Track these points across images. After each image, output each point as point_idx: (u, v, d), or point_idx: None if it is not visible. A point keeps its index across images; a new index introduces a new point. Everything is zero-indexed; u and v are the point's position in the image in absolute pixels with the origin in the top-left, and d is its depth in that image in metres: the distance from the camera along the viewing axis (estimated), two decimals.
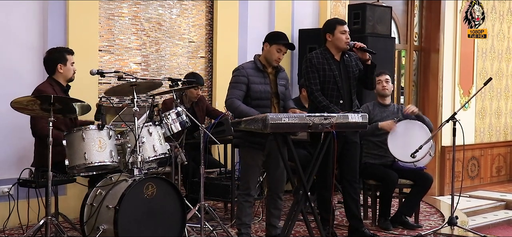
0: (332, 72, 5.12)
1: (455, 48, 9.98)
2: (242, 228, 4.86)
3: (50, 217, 4.41)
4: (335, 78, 5.12)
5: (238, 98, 4.71)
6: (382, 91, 5.96)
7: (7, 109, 4.54)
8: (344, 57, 5.23)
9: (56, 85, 4.95)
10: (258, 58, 4.87)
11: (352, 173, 5.29)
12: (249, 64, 4.87)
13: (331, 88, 5.13)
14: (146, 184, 4.40)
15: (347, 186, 5.31)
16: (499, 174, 11.13)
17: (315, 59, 5.16)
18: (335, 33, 5.16)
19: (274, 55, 4.80)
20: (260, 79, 4.78)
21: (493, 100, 10.86)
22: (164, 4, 6.81)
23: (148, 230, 4.41)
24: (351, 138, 5.22)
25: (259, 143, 4.71)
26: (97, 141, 4.53)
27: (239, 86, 4.73)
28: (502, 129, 11.12)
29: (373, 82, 5.30)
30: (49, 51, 5.08)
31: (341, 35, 5.14)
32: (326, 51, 5.20)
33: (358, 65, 5.25)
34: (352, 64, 5.23)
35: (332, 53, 5.19)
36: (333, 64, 5.15)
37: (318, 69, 5.13)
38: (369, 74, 5.20)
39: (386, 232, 5.71)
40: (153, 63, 6.74)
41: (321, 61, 5.15)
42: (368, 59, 5.14)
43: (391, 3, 8.57)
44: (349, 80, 5.20)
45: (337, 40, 5.16)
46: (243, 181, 4.87)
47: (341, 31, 5.15)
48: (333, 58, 5.18)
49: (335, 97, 5.12)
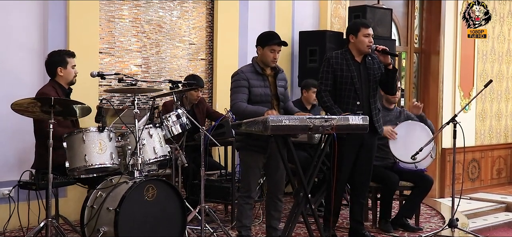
0: (350, 73, 5.11)
1: (455, 50, 9.97)
2: (242, 230, 4.85)
3: (50, 219, 4.41)
4: (352, 79, 5.11)
5: (243, 101, 4.70)
6: (392, 99, 5.94)
7: (7, 111, 4.54)
8: (367, 59, 5.22)
9: (59, 88, 4.95)
10: (256, 61, 4.86)
11: (364, 176, 5.30)
12: (247, 67, 4.86)
13: (348, 89, 5.12)
14: (146, 186, 4.40)
15: (356, 188, 5.32)
16: (500, 176, 11.12)
17: (334, 59, 5.15)
18: (358, 35, 5.15)
19: (268, 57, 4.78)
20: (259, 82, 4.78)
21: (493, 102, 10.85)
22: (164, 6, 6.81)
23: (149, 232, 4.40)
24: (368, 141, 5.21)
25: (260, 146, 4.71)
26: (98, 143, 4.53)
27: (241, 90, 4.72)
28: (502, 131, 11.11)
29: (394, 86, 5.27)
30: (50, 54, 5.07)
31: (364, 38, 5.13)
32: (347, 52, 5.20)
33: (380, 68, 5.23)
34: (374, 67, 5.22)
35: (353, 54, 5.18)
36: (352, 65, 5.14)
37: (335, 70, 5.12)
38: (390, 78, 5.18)
39: (387, 234, 5.71)
40: (153, 65, 6.74)
41: (340, 61, 5.14)
42: (390, 63, 5.11)
43: (391, 5, 8.58)
44: (369, 83, 5.18)
45: (359, 42, 5.15)
46: (243, 183, 4.87)
47: (364, 34, 5.14)
48: (353, 59, 5.17)
49: (352, 98, 5.12)
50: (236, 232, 5.00)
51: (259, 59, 4.85)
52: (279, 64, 4.95)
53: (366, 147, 5.22)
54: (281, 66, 4.99)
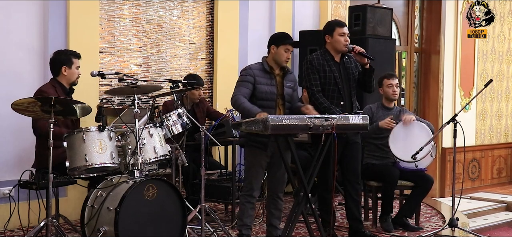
0: (332, 73, 5.13)
1: (455, 50, 9.97)
2: (243, 229, 4.86)
3: (50, 219, 4.41)
4: (335, 79, 5.13)
5: (244, 95, 4.73)
6: (392, 96, 5.93)
7: (7, 111, 4.54)
8: (344, 58, 5.24)
9: (59, 87, 4.95)
10: (266, 60, 4.90)
11: (353, 174, 5.29)
12: (256, 65, 4.91)
13: (332, 90, 5.13)
14: (146, 186, 4.40)
15: (348, 187, 5.31)
16: (500, 175, 11.12)
17: (316, 60, 5.17)
18: (334, 35, 5.17)
19: (282, 55, 4.84)
20: (266, 80, 4.81)
21: (493, 101, 10.85)
22: (164, 6, 6.81)
23: (149, 232, 4.41)
24: (352, 139, 5.22)
25: (263, 143, 4.72)
26: (98, 142, 4.53)
27: (245, 84, 4.77)
28: (502, 130, 11.11)
29: (372, 85, 5.29)
30: (56, 52, 5.08)
31: (340, 37, 5.15)
32: (326, 52, 5.21)
33: (357, 66, 5.26)
34: (352, 66, 5.24)
35: (332, 55, 5.20)
36: (333, 65, 5.16)
37: (319, 70, 5.14)
38: (367, 77, 5.20)
39: (387, 234, 5.71)
40: (153, 64, 6.75)
41: (321, 62, 5.15)
42: (367, 62, 5.14)
43: (391, 5, 8.57)
44: (349, 82, 5.21)
45: (335, 42, 5.16)
46: (246, 181, 4.89)
47: (340, 33, 5.16)
48: (333, 60, 5.19)
49: (336, 98, 5.13)
50: (237, 232, 5.01)
51: (271, 58, 4.89)
52: None
53: (350, 146, 5.22)
54: None
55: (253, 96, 4.78)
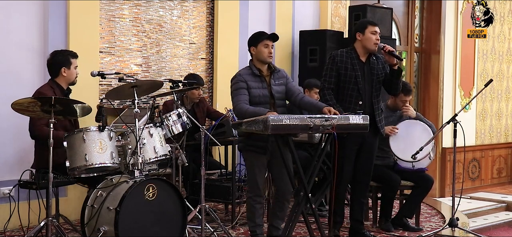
0: (354, 72, 5.11)
1: (455, 50, 9.97)
2: (257, 229, 4.86)
3: (50, 219, 4.41)
4: (356, 78, 5.10)
5: (245, 102, 4.71)
6: (402, 110, 5.90)
7: (7, 111, 4.54)
8: (371, 59, 5.21)
9: (57, 88, 4.94)
10: (253, 63, 4.87)
11: (365, 175, 5.29)
12: (245, 70, 4.87)
13: (351, 88, 5.12)
14: (146, 186, 4.40)
15: (357, 187, 5.31)
16: (500, 175, 11.12)
17: (339, 57, 5.15)
18: (365, 32, 5.15)
19: (264, 52, 4.81)
20: (257, 84, 4.79)
21: (493, 101, 10.85)
22: (165, 6, 6.81)
23: (149, 232, 4.40)
24: (369, 139, 5.20)
25: (260, 147, 4.71)
26: (98, 142, 4.53)
27: (242, 91, 4.74)
28: (502, 130, 11.11)
29: (398, 87, 5.26)
30: (54, 53, 5.05)
31: (371, 35, 5.13)
32: (353, 50, 5.19)
33: (384, 68, 5.22)
34: (379, 67, 5.21)
35: (358, 53, 5.18)
36: (357, 64, 5.14)
37: (339, 68, 5.12)
38: (394, 78, 5.18)
39: (387, 233, 5.71)
40: (153, 64, 6.74)
41: (345, 60, 5.14)
42: (395, 63, 5.12)
43: (391, 5, 8.57)
44: (373, 83, 5.17)
45: (366, 40, 5.14)
46: (250, 183, 4.86)
47: (372, 31, 5.14)
48: (358, 58, 5.16)
49: (355, 97, 5.11)
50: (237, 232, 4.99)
51: (255, 60, 4.86)
52: (279, 64, 4.96)
53: (366, 146, 5.21)
54: (282, 66, 5.00)
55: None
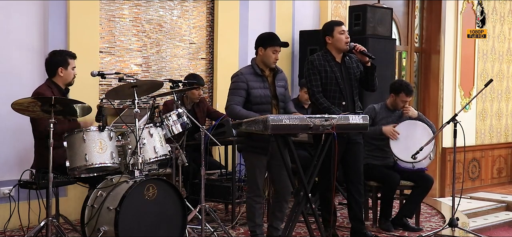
0: (333, 74, 5.13)
1: (455, 50, 9.97)
2: (257, 229, 4.87)
3: (50, 219, 4.41)
4: (336, 79, 5.12)
5: (237, 104, 4.72)
6: (401, 109, 5.89)
7: (7, 111, 4.54)
8: (345, 58, 5.24)
9: (55, 88, 4.92)
10: (256, 62, 4.87)
11: (355, 174, 5.28)
12: (247, 69, 4.87)
13: (333, 90, 5.13)
14: (146, 186, 4.40)
15: (350, 187, 5.31)
16: (500, 175, 11.12)
17: (317, 61, 5.16)
18: (334, 34, 5.17)
19: (270, 57, 4.81)
20: (259, 84, 4.79)
21: (493, 101, 10.85)
22: (165, 6, 6.81)
23: (149, 232, 4.40)
24: (353, 139, 5.20)
25: (260, 148, 4.71)
26: (98, 142, 4.53)
27: (238, 92, 4.75)
28: (503, 130, 11.11)
29: (374, 84, 5.29)
30: (52, 53, 5.04)
31: (340, 36, 5.15)
32: (327, 53, 5.21)
33: (359, 66, 5.26)
34: (353, 65, 5.24)
35: (333, 55, 5.20)
36: (334, 66, 5.16)
37: (320, 71, 5.14)
38: (370, 75, 5.20)
39: (387, 233, 5.71)
40: (154, 64, 6.75)
41: (323, 62, 5.15)
42: (368, 61, 5.15)
43: (391, 5, 8.57)
44: (351, 82, 5.20)
45: (337, 41, 5.17)
46: (250, 183, 4.86)
47: (339, 31, 5.16)
48: (334, 60, 5.19)
49: (338, 98, 5.13)
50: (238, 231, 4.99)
51: (259, 60, 4.86)
52: (279, 64, 4.96)
53: (352, 145, 5.21)
54: (282, 66, 4.99)
55: (247, 101, 4.76)
